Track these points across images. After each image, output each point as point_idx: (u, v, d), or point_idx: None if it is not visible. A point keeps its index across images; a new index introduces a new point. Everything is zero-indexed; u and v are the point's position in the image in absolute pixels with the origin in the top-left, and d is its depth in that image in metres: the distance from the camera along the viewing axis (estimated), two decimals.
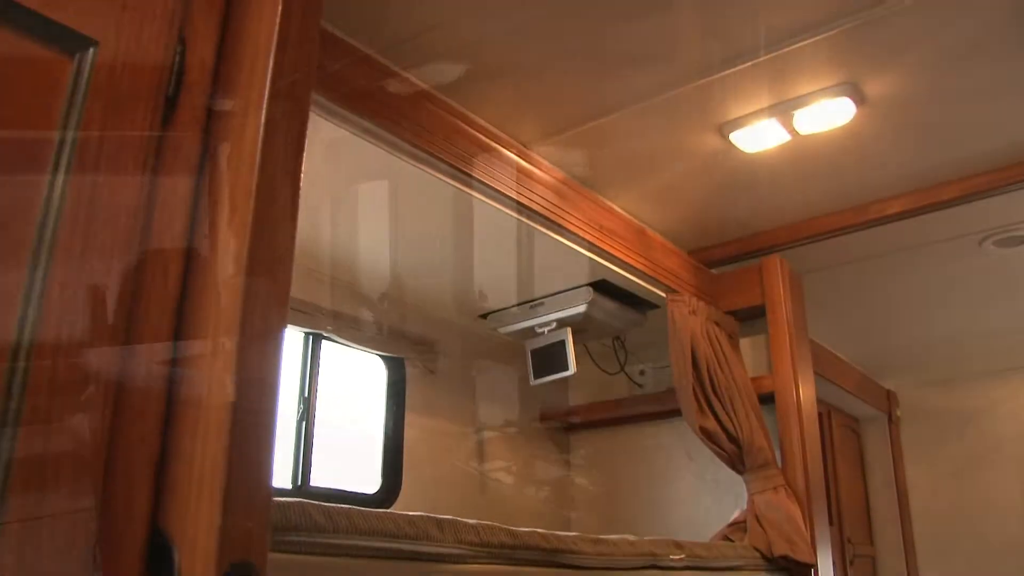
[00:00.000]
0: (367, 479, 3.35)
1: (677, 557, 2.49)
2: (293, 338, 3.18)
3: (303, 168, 1.08)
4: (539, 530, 2.06)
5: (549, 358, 3.43)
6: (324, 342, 3.26)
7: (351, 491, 3.24)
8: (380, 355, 3.46)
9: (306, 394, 3.17)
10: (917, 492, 5.66)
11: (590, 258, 2.99)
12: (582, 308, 3.26)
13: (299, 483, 3.06)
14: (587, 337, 3.64)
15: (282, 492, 2.93)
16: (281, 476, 3.04)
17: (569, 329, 3.37)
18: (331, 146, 2.24)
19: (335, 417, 3.28)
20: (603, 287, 3.27)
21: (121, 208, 0.97)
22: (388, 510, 1.83)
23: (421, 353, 3.52)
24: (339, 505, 1.61)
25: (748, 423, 3.19)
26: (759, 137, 2.83)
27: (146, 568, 0.96)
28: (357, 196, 2.65)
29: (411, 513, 1.76)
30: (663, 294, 3.32)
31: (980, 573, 5.35)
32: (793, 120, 2.72)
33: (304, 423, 3.13)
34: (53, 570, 0.88)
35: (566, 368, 3.36)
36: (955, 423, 5.63)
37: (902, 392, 5.88)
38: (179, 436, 0.99)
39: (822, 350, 4.56)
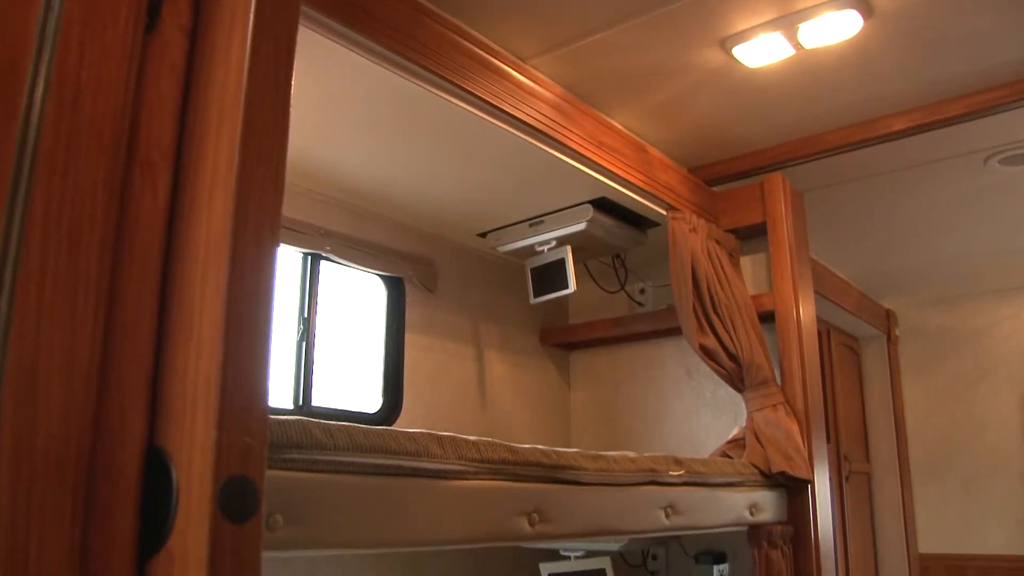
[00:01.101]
0: (368, 399, 3.37)
1: (676, 473, 2.51)
2: (291, 258, 3.16)
3: (293, 80, 1.05)
4: (539, 446, 2.07)
5: (549, 276, 3.41)
6: (323, 262, 3.24)
7: (352, 411, 3.26)
8: (379, 274, 3.44)
9: (305, 314, 3.17)
10: (914, 410, 5.72)
11: (590, 175, 2.96)
12: (582, 226, 3.23)
13: (300, 403, 3.08)
14: (587, 255, 3.62)
15: (283, 412, 2.95)
16: (282, 397, 3.05)
17: (569, 247, 3.35)
18: (325, 61, 2.19)
19: (336, 338, 3.28)
20: (603, 204, 3.24)
21: (105, 118, 0.94)
22: (389, 427, 1.83)
23: (420, 272, 3.50)
24: (339, 422, 1.61)
25: (748, 341, 3.19)
26: (763, 51, 2.77)
27: (144, 484, 0.96)
28: (353, 113, 2.60)
29: (412, 430, 1.77)
30: (663, 212, 3.29)
31: (973, 489, 5.45)
32: (798, 33, 2.66)
33: (304, 343, 3.13)
34: (46, 491, 0.87)
35: (566, 286, 3.34)
36: (954, 342, 5.67)
37: (901, 311, 5.89)
38: (172, 353, 0.97)
39: (823, 269, 4.55)
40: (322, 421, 1.58)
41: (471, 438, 1.88)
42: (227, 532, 0.89)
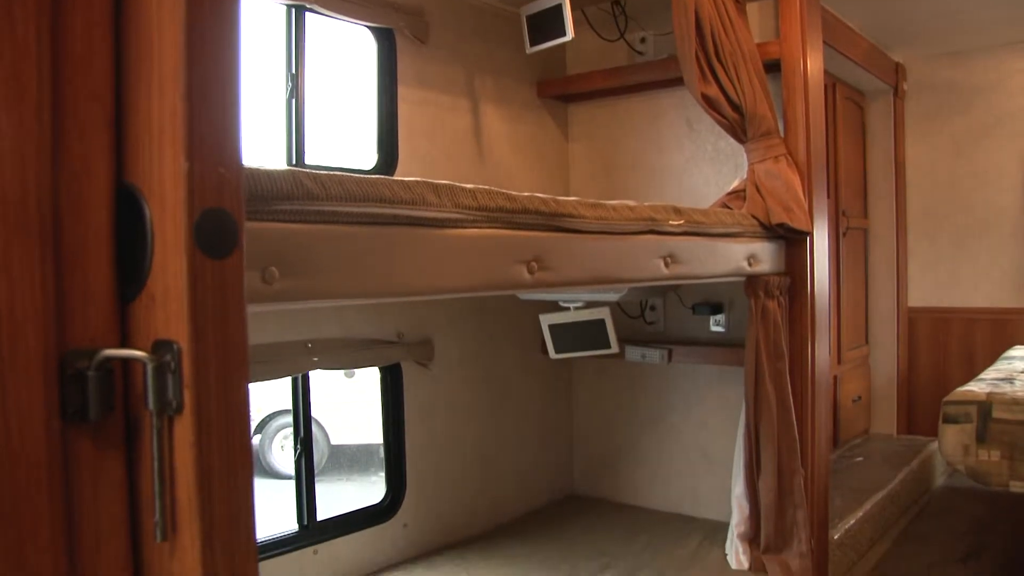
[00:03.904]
0: (363, 156, 3.31)
1: (676, 222, 2.48)
2: (273, 12, 3.00)
3: None
4: (538, 194, 2.02)
5: (545, 24, 3.27)
6: (308, 15, 3.07)
7: (347, 168, 3.20)
8: (367, 26, 3.28)
9: (293, 71, 3.04)
10: (915, 167, 5.66)
11: None
12: None
13: (294, 163, 3.02)
14: (585, 1, 3.44)
15: None
16: (275, 157, 3.00)
17: None
18: None
19: (327, 95, 3.17)
20: None
21: None
22: (383, 176, 1.78)
23: (411, 23, 3.33)
24: (331, 172, 1.56)
25: (752, 90, 3.08)
26: None
27: (116, 225, 0.91)
28: None
29: (407, 179, 1.72)
30: None
31: (964, 244, 5.49)
32: None
33: (294, 101, 3.03)
34: (8, 235, 0.82)
35: (563, 34, 3.21)
36: (962, 97, 5.52)
37: (911, 65, 5.70)
38: (135, 85, 0.90)
39: (832, 17, 4.35)
40: (313, 171, 1.52)
41: (468, 186, 1.83)
42: (207, 268, 0.85)
